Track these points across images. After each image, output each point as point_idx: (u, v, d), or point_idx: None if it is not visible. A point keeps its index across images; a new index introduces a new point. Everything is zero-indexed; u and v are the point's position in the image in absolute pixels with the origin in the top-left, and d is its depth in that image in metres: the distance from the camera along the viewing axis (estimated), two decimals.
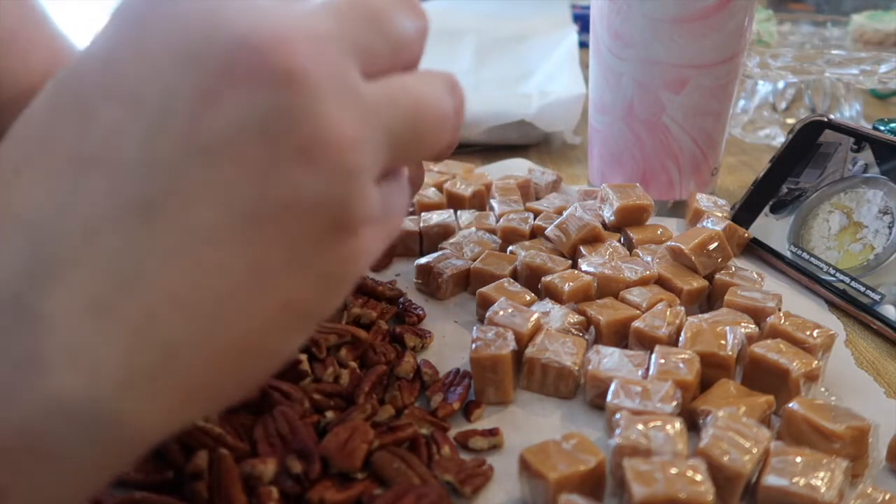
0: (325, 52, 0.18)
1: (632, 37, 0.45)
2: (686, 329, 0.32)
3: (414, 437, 0.28)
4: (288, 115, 0.17)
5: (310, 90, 0.17)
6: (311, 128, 0.17)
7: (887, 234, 0.39)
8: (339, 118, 0.18)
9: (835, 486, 0.24)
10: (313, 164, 0.17)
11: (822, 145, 0.44)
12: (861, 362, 0.34)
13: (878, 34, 0.81)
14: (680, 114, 0.47)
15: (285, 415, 0.27)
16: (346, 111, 0.18)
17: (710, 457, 0.25)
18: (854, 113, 0.69)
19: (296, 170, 0.17)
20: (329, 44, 0.18)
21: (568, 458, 0.25)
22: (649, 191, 0.46)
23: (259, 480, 0.25)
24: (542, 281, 0.37)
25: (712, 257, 0.38)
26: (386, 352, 0.33)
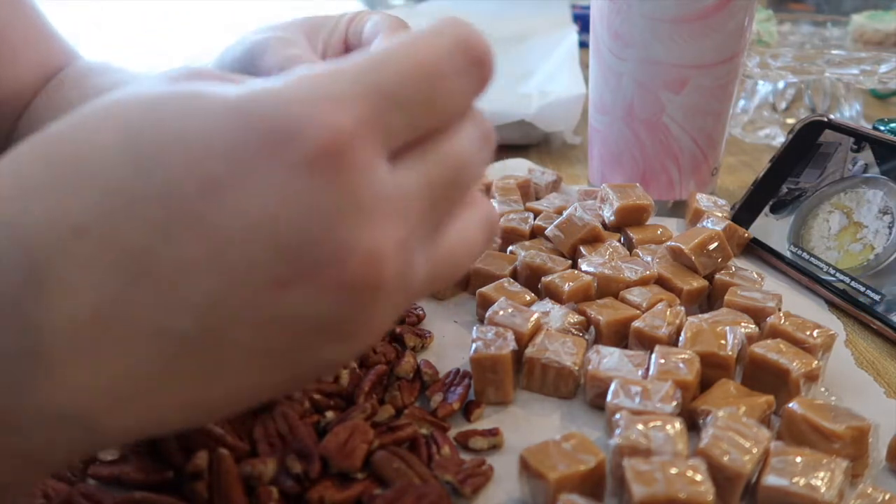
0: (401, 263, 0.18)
1: (632, 37, 0.45)
2: (686, 329, 0.32)
3: (414, 437, 0.28)
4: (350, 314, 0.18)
5: (374, 302, 0.18)
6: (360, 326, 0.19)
7: (887, 234, 0.39)
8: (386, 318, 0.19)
9: (835, 486, 0.24)
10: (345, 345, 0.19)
11: (822, 145, 0.44)
12: (861, 362, 0.34)
13: (878, 34, 0.81)
14: (680, 114, 0.47)
15: (285, 415, 0.27)
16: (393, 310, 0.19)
17: (710, 457, 0.25)
18: (854, 113, 0.69)
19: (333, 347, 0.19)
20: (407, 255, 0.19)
21: (568, 458, 0.25)
22: (649, 191, 0.46)
23: (259, 480, 0.25)
24: (542, 281, 0.37)
25: (712, 257, 0.38)
26: (386, 352, 0.33)
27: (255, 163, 0.17)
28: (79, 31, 0.74)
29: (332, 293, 0.17)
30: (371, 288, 0.18)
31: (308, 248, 0.17)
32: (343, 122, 0.17)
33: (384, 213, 0.18)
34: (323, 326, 0.18)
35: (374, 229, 0.17)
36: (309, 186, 0.17)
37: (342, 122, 0.17)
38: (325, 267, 0.17)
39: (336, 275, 0.17)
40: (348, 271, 0.17)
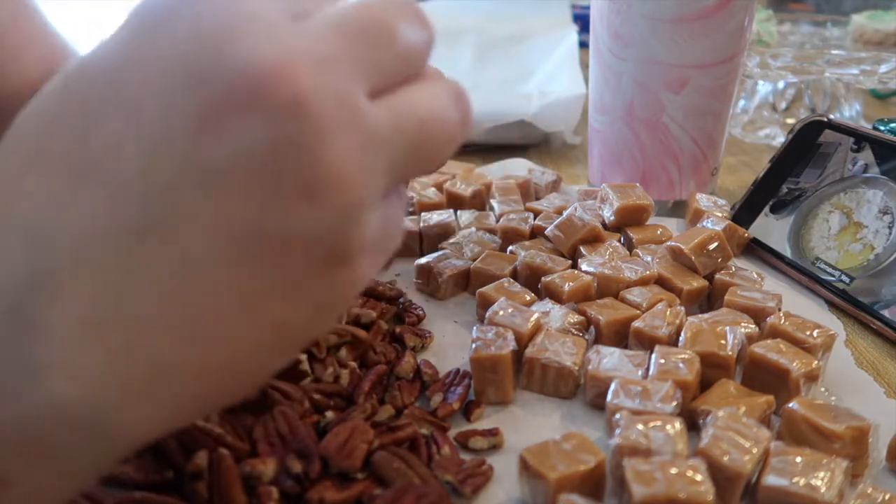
0: (332, 80, 0.17)
1: (632, 37, 0.45)
2: (686, 329, 0.32)
3: (414, 437, 0.28)
4: (291, 148, 0.17)
5: (314, 122, 0.17)
6: (314, 163, 0.17)
7: (887, 234, 0.39)
8: (342, 154, 0.17)
9: (835, 486, 0.24)
10: (314, 200, 0.17)
11: (822, 145, 0.44)
12: (861, 362, 0.34)
13: (878, 34, 0.81)
14: (680, 114, 0.47)
15: (285, 415, 0.27)
16: (350, 145, 0.17)
17: (710, 457, 0.25)
18: (854, 113, 0.69)
19: (295, 204, 0.17)
20: (336, 69, 0.17)
21: (568, 458, 0.25)
22: (649, 191, 0.46)
23: (259, 480, 0.25)
24: (542, 281, 0.37)
25: (712, 257, 0.38)
26: (386, 352, 0.33)
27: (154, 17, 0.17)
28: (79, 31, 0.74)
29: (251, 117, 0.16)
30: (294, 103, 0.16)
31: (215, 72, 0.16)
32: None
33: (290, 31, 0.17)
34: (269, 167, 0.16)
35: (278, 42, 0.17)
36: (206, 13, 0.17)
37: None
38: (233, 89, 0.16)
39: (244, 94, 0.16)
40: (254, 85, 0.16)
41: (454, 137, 0.22)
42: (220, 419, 0.27)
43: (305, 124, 0.16)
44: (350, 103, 0.17)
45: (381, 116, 0.19)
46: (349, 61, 0.18)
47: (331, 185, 0.17)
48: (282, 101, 0.16)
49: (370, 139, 0.18)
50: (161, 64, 0.17)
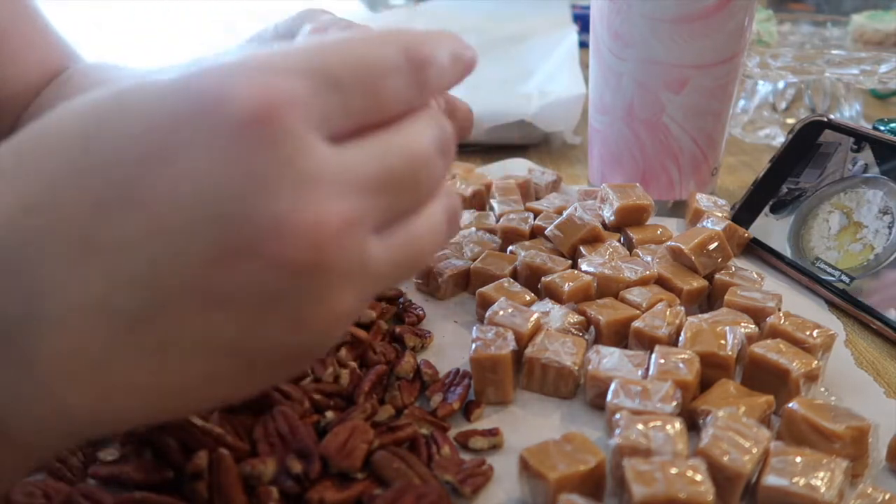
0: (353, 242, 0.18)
1: (632, 37, 0.45)
2: (686, 329, 0.32)
3: (414, 437, 0.28)
4: (295, 294, 0.18)
5: (325, 281, 0.18)
6: (311, 308, 0.18)
7: (887, 234, 0.39)
8: (341, 302, 0.18)
9: (835, 486, 0.24)
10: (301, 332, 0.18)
11: (822, 145, 0.44)
12: (861, 362, 0.34)
13: (878, 34, 0.81)
14: (680, 114, 0.47)
15: (285, 415, 0.27)
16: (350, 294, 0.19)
17: (710, 457, 0.25)
18: (854, 113, 0.69)
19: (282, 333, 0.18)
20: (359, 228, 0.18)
21: (568, 458, 0.25)
22: (649, 191, 0.46)
23: (259, 480, 0.25)
24: (542, 281, 0.37)
25: (712, 257, 0.38)
26: (386, 352, 0.33)
27: (188, 130, 0.17)
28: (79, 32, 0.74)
29: (273, 268, 0.17)
30: (315, 264, 0.17)
31: (246, 218, 0.17)
32: (275, 88, 0.17)
33: (326, 187, 0.18)
34: (268, 307, 0.18)
35: (315, 202, 0.17)
36: (241, 152, 0.17)
37: (274, 88, 0.17)
38: (263, 240, 0.17)
39: (274, 248, 0.17)
40: (288, 244, 0.17)
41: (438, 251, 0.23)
42: (220, 419, 0.27)
43: (315, 280, 0.18)
44: (361, 260, 0.19)
45: (383, 259, 0.20)
46: (373, 213, 0.19)
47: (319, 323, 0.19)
48: (303, 262, 0.17)
49: (368, 282, 0.19)
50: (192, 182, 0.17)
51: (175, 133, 0.17)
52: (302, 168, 0.17)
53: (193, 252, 0.17)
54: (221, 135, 0.17)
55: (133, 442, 0.26)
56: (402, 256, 0.20)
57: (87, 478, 0.26)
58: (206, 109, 0.17)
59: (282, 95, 0.17)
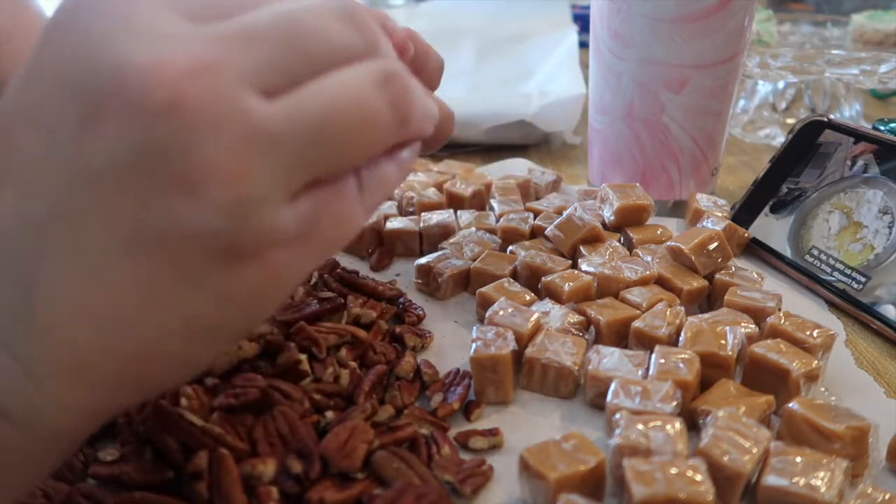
0: (208, 83, 0.17)
1: (632, 37, 0.45)
2: (686, 329, 0.32)
3: (414, 437, 0.28)
4: (162, 147, 0.17)
5: (186, 124, 0.17)
6: (186, 162, 0.17)
7: (887, 234, 0.39)
8: (220, 150, 0.17)
9: (835, 486, 0.24)
10: (191, 197, 0.17)
11: (822, 145, 0.44)
12: (861, 362, 0.34)
13: (878, 34, 0.81)
14: (680, 114, 0.47)
15: (285, 415, 0.27)
16: (229, 141, 0.17)
17: (710, 457, 0.25)
18: (854, 113, 0.69)
19: (173, 201, 0.17)
20: (216, 73, 0.18)
21: (568, 458, 0.25)
22: (649, 191, 0.46)
23: (259, 480, 0.25)
24: (542, 281, 0.37)
25: (712, 257, 0.38)
26: (386, 352, 0.33)
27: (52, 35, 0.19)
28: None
29: (127, 120, 0.17)
30: (166, 107, 0.17)
31: (91, 76, 0.17)
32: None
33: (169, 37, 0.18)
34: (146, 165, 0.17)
35: (155, 47, 0.17)
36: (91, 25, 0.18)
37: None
38: (109, 93, 0.17)
39: (120, 98, 0.17)
40: (129, 89, 0.17)
41: (375, 121, 0.20)
42: (220, 419, 0.27)
43: (178, 125, 0.17)
44: (229, 103, 0.18)
45: (272, 113, 0.18)
46: (237, 65, 0.18)
47: (208, 181, 0.17)
48: (153, 104, 0.17)
49: (256, 134, 0.18)
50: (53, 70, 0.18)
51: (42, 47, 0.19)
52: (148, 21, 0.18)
53: (63, 133, 0.17)
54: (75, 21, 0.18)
55: (133, 442, 0.26)
56: (302, 113, 0.19)
57: (87, 478, 0.26)
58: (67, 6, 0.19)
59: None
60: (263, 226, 0.19)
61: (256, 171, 0.18)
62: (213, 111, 0.17)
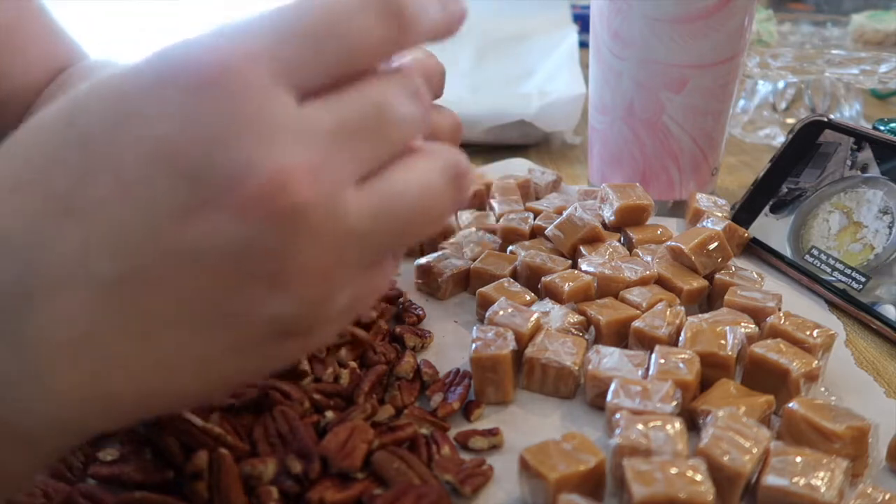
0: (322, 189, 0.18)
1: (632, 37, 0.45)
2: (686, 329, 0.32)
3: (414, 437, 0.28)
4: (263, 247, 0.17)
5: (291, 229, 0.17)
6: (282, 261, 0.18)
7: (887, 234, 0.39)
8: (317, 255, 0.18)
9: (835, 486, 0.24)
10: (277, 291, 0.18)
11: (822, 145, 0.44)
12: (861, 362, 0.34)
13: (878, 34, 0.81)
14: (680, 114, 0.47)
15: (285, 415, 0.27)
16: (324, 247, 0.18)
17: (710, 457, 0.25)
18: (854, 113, 0.69)
19: (257, 292, 0.18)
20: (325, 180, 0.18)
21: (568, 458, 0.25)
22: (649, 191, 0.46)
23: (259, 480, 0.25)
24: (542, 281, 0.37)
25: (712, 257, 0.38)
26: (386, 352, 0.33)
27: (153, 94, 0.18)
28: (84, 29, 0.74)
29: (239, 219, 0.17)
30: (282, 213, 0.17)
31: (207, 171, 0.17)
32: (232, 45, 0.18)
33: (288, 137, 0.18)
34: (241, 262, 0.17)
35: (277, 150, 0.17)
36: (202, 108, 0.17)
37: (233, 46, 0.18)
38: (227, 189, 0.17)
39: (239, 197, 0.17)
40: (251, 192, 0.17)
41: (443, 216, 0.22)
42: (220, 419, 0.27)
43: (283, 229, 0.17)
44: (332, 210, 0.18)
45: (363, 211, 0.19)
46: (341, 166, 0.18)
47: (299, 279, 0.18)
48: (266, 210, 0.17)
49: (349, 237, 0.19)
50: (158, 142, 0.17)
51: (142, 98, 0.18)
52: (263, 118, 0.17)
53: (160, 209, 0.17)
54: (185, 94, 0.17)
55: (133, 442, 0.26)
56: (384, 209, 0.20)
57: (87, 478, 0.26)
58: (170, 72, 0.18)
59: (238, 50, 0.18)
60: (330, 312, 0.20)
61: (339, 270, 0.19)
62: (317, 218, 0.18)
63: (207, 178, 0.17)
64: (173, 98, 0.17)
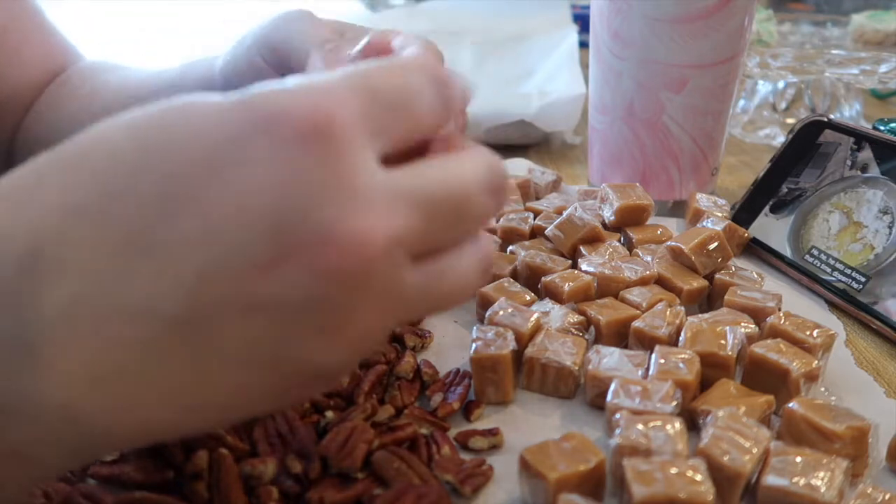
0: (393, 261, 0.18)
1: (632, 37, 0.45)
2: (686, 329, 0.32)
3: (414, 437, 0.28)
4: (330, 304, 0.18)
5: (358, 290, 0.18)
6: (343, 318, 0.18)
7: (887, 234, 0.39)
8: (372, 317, 0.19)
9: (835, 486, 0.24)
10: (332, 343, 0.19)
11: (822, 145, 0.44)
12: (861, 362, 0.34)
13: (878, 34, 0.81)
14: (680, 114, 0.47)
15: (285, 415, 0.27)
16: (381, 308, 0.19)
17: (710, 457, 0.25)
18: (854, 113, 0.69)
19: (314, 340, 0.18)
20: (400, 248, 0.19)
21: (568, 458, 0.25)
22: (649, 191, 0.46)
23: (259, 480, 0.25)
24: (542, 281, 0.37)
25: (712, 257, 0.38)
26: (386, 352, 0.33)
27: (248, 143, 0.18)
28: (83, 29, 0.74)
29: (315, 275, 0.17)
30: (355, 274, 0.18)
31: (295, 225, 0.17)
32: (332, 103, 0.18)
33: (373, 203, 0.18)
34: (306, 315, 0.18)
35: (362, 214, 0.18)
36: (297, 162, 0.17)
37: (331, 103, 0.18)
38: (311, 245, 0.17)
39: (320, 255, 0.17)
40: (332, 252, 0.17)
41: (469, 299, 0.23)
42: None
43: (351, 291, 0.18)
44: (398, 281, 0.19)
45: (414, 285, 0.20)
46: (411, 238, 0.19)
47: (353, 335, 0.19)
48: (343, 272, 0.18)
49: (399, 304, 0.20)
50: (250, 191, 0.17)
51: (237, 145, 0.18)
52: (355, 181, 0.18)
53: (243, 259, 0.17)
54: (282, 147, 0.17)
55: None
56: (432, 290, 0.21)
57: (87, 478, 0.26)
58: (268, 123, 0.18)
59: (339, 110, 0.18)
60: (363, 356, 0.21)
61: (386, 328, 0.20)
62: (382, 283, 0.18)
63: (294, 235, 0.17)
64: (273, 151, 0.17)
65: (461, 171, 0.21)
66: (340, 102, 0.18)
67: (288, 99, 0.18)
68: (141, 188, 0.17)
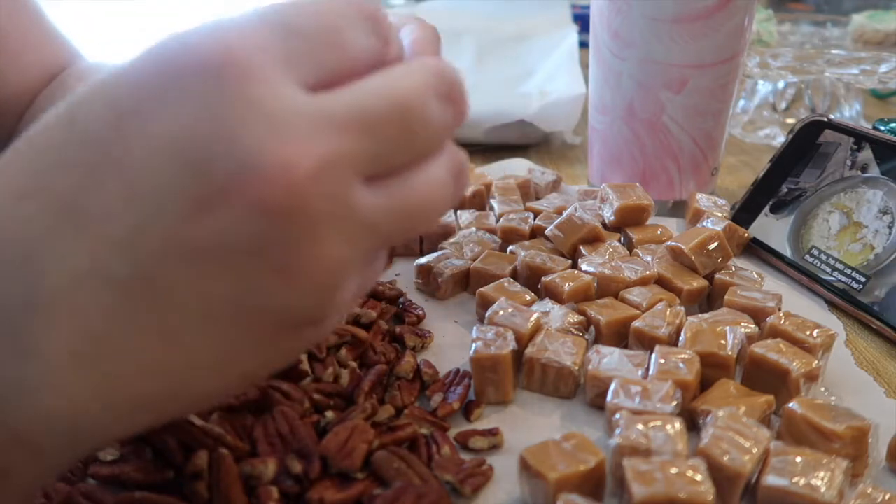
0: (330, 183, 0.18)
1: (632, 37, 0.45)
2: (686, 329, 0.32)
3: (414, 437, 0.28)
4: (274, 241, 0.17)
5: (301, 223, 0.17)
6: (295, 254, 0.18)
7: (887, 234, 0.39)
8: (328, 247, 0.18)
9: (835, 486, 0.24)
10: (291, 282, 0.18)
11: (822, 145, 0.44)
12: (861, 362, 0.34)
13: (878, 34, 0.81)
14: (680, 114, 0.47)
15: (285, 415, 0.27)
16: (336, 239, 0.18)
17: (710, 457, 0.25)
18: (854, 113, 0.69)
19: (271, 285, 0.18)
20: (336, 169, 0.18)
21: (568, 458, 0.25)
22: (649, 191, 0.46)
23: (259, 480, 0.25)
24: (542, 281, 0.37)
25: (712, 257, 0.38)
26: (386, 352, 0.33)
27: (157, 88, 0.17)
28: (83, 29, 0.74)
29: (251, 213, 0.17)
30: (291, 206, 0.17)
31: (216, 163, 0.17)
32: (235, 35, 0.18)
33: (297, 128, 0.17)
34: (253, 256, 0.17)
35: (282, 140, 0.17)
36: (209, 98, 0.17)
37: (234, 36, 0.17)
38: (238, 183, 0.17)
39: (249, 191, 0.17)
40: (261, 186, 0.17)
41: (444, 211, 0.22)
42: (219, 419, 0.27)
43: (293, 224, 0.17)
44: (344, 202, 0.18)
45: (375, 207, 0.19)
46: (353, 159, 0.18)
47: (313, 271, 0.18)
48: (275, 205, 0.17)
49: (359, 230, 0.19)
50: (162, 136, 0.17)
51: (145, 91, 0.17)
52: (270, 108, 0.17)
53: (170, 206, 0.17)
54: (186, 86, 0.17)
55: (133, 442, 0.26)
56: (399, 208, 0.20)
57: (87, 478, 0.26)
58: (170, 65, 0.17)
59: (242, 40, 0.17)
60: (342, 300, 0.20)
61: (350, 261, 0.19)
62: (327, 211, 0.18)
63: (214, 172, 0.17)
64: (172, 88, 0.17)
65: (403, 81, 0.19)
66: (244, 34, 0.18)
67: (189, 38, 0.18)
68: (66, 159, 0.18)
